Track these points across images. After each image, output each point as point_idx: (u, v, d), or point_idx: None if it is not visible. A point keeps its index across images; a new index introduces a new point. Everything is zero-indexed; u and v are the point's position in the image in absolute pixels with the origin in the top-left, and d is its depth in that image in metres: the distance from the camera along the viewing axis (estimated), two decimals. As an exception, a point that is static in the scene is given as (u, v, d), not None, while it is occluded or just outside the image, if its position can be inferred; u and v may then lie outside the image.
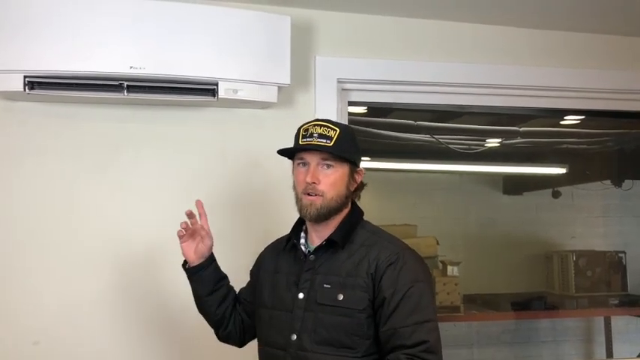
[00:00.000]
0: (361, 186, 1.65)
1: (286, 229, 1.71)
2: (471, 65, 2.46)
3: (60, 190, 2.13)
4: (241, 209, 2.23)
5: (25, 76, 1.95)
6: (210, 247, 1.72)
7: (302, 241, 1.65)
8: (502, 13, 2.40)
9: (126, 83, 2.02)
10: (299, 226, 1.67)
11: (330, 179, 1.55)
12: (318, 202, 1.55)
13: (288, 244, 1.67)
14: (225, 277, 1.77)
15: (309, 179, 1.54)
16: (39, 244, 2.09)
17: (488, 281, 4.37)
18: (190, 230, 1.70)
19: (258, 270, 1.74)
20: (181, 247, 1.71)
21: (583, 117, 3.38)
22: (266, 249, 1.77)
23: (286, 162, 1.71)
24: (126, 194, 2.17)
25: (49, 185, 2.12)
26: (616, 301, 4.21)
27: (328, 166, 1.56)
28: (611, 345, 4.19)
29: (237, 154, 2.25)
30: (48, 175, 2.12)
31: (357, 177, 1.62)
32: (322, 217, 1.56)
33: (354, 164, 1.60)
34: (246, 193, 2.24)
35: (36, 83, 1.97)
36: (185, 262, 1.73)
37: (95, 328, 2.11)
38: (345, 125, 1.63)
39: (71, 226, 2.12)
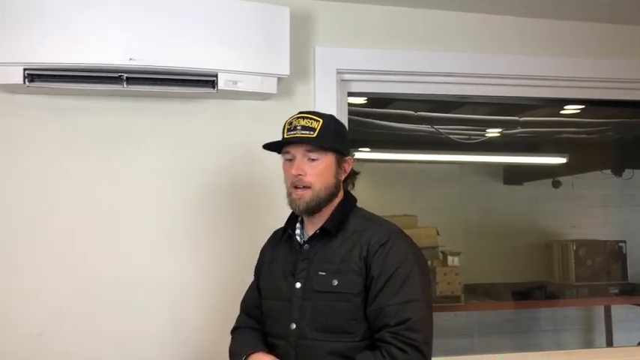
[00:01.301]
0: (353, 174, 1.66)
1: (285, 219, 1.72)
2: (471, 55, 2.46)
3: (60, 182, 2.13)
4: (241, 201, 2.24)
5: (24, 69, 1.95)
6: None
7: (297, 231, 1.66)
8: (503, 2, 2.39)
9: (125, 75, 2.02)
10: (295, 216, 1.68)
11: (316, 170, 1.56)
12: (307, 195, 1.56)
13: (284, 235, 1.69)
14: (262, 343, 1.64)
15: (294, 171, 1.56)
16: (40, 236, 2.10)
17: (489, 271, 4.38)
18: None
19: (260, 266, 1.75)
20: None
21: (583, 106, 3.37)
22: (265, 243, 1.78)
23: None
24: (126, 186, 2.17)
25: (48, 177, 2.12)
26: (616, 290, 4.23)
27: (313, 158, 1.56)
28: (611, 333, 4.21)
29: (237, 145, 2.25)
30: (48, 168, 2.13)
31: (345, 166, 1.62)
32: (312, 209, 1.57)
33: (340, 153, 1.60)
34: (246, 185, 2.24)
35: (36, 76, 1.97)
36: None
37: (98, 319, 2.12)
38: (330, 115, 1.63)
39: (71, 218, 2.13)
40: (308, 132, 1.55)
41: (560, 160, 4.48)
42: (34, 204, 2.11)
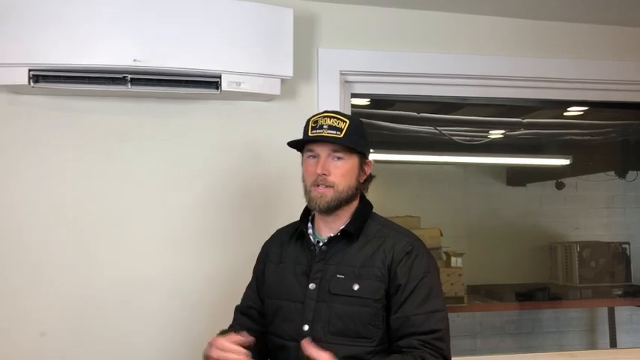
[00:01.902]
0: (370, 178, 1.66)
1: (289, 221, 1.72)
2: (474, 57, 2.46)
3: (64, 182, 2.14)
4: (244, 202, 2.24)
5: (29, 70, 1.96)
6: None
7: (310, 231, 1.64)
8: (506, 4, 2.39)
9: (130, 76, 2.03)
10: (306, 215, 1.66)
11: (341, 171, 1.55)
12: (328, 194, 1.54)
13: (295, 233, 1.66)
14: (252, 341, 1.52)
15: (319, 170, 1.54)
16: (44, 236, 2.11)
17: (492, 272, 4.38)
18: None
19: (263, 265, 1.71)
20: None
21: (587, 108, 3.36)
22: (267, 242, 1.75)
23: (289, 154, 1.71)
24: (129, 186, 2.18)
25: (53, 177, 2.13)
26: (620, 292, 4.22)
27: (339, 157, 1.55)
28: (615, 335, 4.20)
29: (240, 146, 2.26)
30: (52, 168, 2.13)
31: (366, 168, 1.62)
32: (332, 208, 1.56)
33: (363, 156, 1.60)
34: (249, 186, 2.25)
35: (40, 77, 1.98)
36: None
37: (102, 319, 2.13)
38: (354, 117, 1.62)
39: (76, 218, 2.13)
40: (335, 132, 1.54)
41: (564, 161, 4.47)
42: (39, 204, 2.12)
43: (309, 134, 1.57)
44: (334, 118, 1.56)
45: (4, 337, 2.06)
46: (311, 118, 1.60)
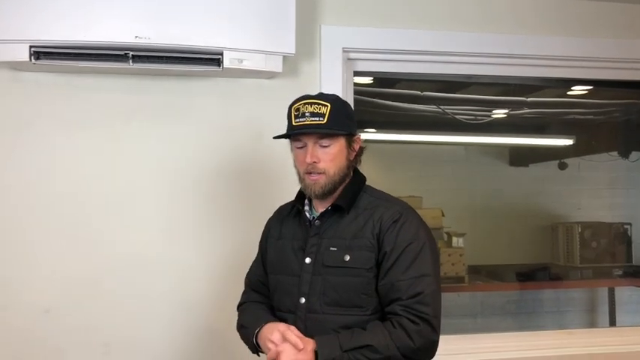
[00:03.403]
0: (360, 151, 1.66)
1: (292, 197, 1.72)
2: (477, 34, 2.44)
3: (66, 159, 2.14)
4: (246, 179, 2.24)
5: (30, 46, 1.95)
6: None
7: (306, 207, 1.66)
8: (510, -20, 2.37)
9: (131, 53, 2.02)
10: (302, 193, 1.68)
11: (329, 156, 1.56)
12: (321, 180, 1.57)
13: (292, 210, 1.69)
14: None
15: (308, 160, 1.55)
16: (48, 213, 2.12)
17: (493, 252, 4.39)
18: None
19: (265, 240, 1.76)
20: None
21: (591, 87, 3.34)
22: (270, 218, 1.79)
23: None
24: (131, 163, 2.18)
25: (55, 155, 2.13)
26: (620, 272, 4.23)
27: (325, 144, 1.56)
28: (615, 315, 4.22)
29: (242, 124, 2.25)
30: (54, 145, 2.13)
31: (354, 145, 1.63)
32: (328, 193, 1.58)
33: (350, 135, 1.60)
34: (252, 163, 2.25)
35: (42, 53, 1.97)
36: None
37: (105, 297, 2.14)
38: (335, 97, 1.62)
39: (77, 196, 2.14)
40: (318, 118, 1.54)
41: (567, 141, 4.46)
42: (41, 181, 2.12)
43: (293, 123, 1.57)
44: (315, 104, 1.55)
45: (9, 314, 2.08)
46: (292, 104, 1.59)
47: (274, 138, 1.64)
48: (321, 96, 1.60)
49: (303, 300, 1.57)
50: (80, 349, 2.11)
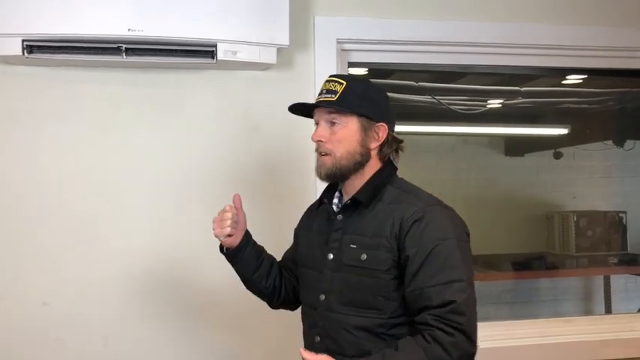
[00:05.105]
0: (392, 142, 1.55)
1: (287, 192, 1.73)
2: (473, 24, 2.44)
3: (59, 153, 2.14)
4: (241, 172, 2.24)
5: (23, 40, 1.94)
6: (245, 225, 1.66)
7: (335, 200, 1.59)
8: (504, -31, 2.37)
9: (124, 46, 2.02)
10: (334, 184, 1.60)
11: (337, 137, 1.47)
12: (327, 162, 1.49)
13: (320, 204, 1.63)
14: (263, 250, 1.71)
15: (313, 137, 1.50)
16: (39, 207, 2.12)
17: (489, 242, 4.40)
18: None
19: (299, 229, 1.72)
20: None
21: (585, 76, 3.35)
22: (310, 206, 1.72)
23: (286, 125, 1.70)
24: (124, 157, 2.18)
25: (48, 149, 2.13)
26: (615, 260, 4.25)
27: (333, 122, 1.48)
28: (610, 303, 4.25)
29: (237, 116, 2.25)
30: (47, 139, 2.13)
31: (377, 133, 1.50)
32: (333, 177, 1.50)
33: (368, 118, 1.49)
34: (246, 156, 2.24)
35: (34, 47, 1.97)
36: (221, 247, 1.67)
37: (104, 290, 2.15)
38: (355, 77, 1.53)
39: (71, 189, 2.14)
40: (330, 95, 1.46)
41: (562, 130, 4.47)
42: (33, 175, 2.12)
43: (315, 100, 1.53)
44: (332, 81, 1.50)
45: (7, 307, 2.09)
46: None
47: (289, 109, 1.57)
48: (343, 75, 1.54)
49: (322, 297, 1.51)
50: (79, 340, 2.11)
